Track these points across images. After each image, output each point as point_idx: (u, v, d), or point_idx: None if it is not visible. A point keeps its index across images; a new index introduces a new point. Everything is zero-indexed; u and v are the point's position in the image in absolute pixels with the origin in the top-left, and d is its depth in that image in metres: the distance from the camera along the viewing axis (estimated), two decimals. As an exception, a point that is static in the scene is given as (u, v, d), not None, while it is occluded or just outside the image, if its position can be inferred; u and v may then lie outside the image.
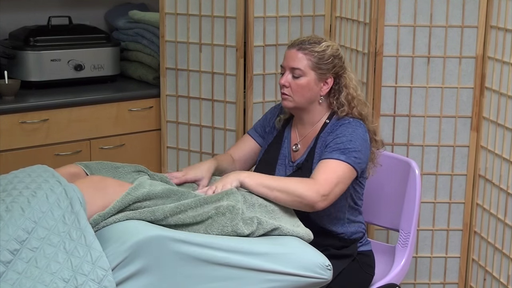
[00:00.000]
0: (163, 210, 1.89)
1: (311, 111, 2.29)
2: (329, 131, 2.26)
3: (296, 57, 2.22)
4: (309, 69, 2.21)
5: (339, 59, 2.26)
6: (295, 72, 2.22)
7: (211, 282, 1.86)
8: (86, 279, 1.70)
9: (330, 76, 2.24)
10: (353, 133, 2.20)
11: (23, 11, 3.47)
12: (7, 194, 1.82)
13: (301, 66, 2.21)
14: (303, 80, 2.22)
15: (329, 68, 2.23)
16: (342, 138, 2.19)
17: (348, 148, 2.16)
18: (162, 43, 3.16)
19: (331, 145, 2.19)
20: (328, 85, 2.25)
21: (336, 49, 2.26)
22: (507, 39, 2.59)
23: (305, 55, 2.22)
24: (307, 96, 2.24)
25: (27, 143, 2.97)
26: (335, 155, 2.15)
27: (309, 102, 2.26)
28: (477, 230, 2.86)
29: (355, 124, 2.23)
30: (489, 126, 2.74)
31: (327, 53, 2.23)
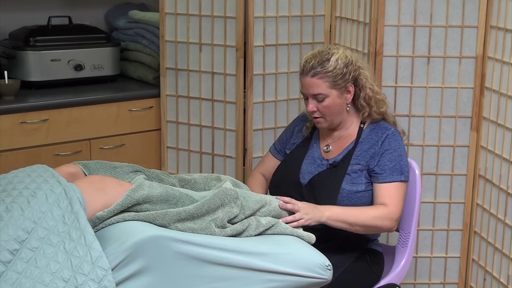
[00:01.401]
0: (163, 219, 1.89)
1: (344, 120, 2.35)
2: (372, 140, 2.32)
3: (313, 84, 2.25)
4: (329, 89, 2.26)
5: (351, 65, 2.29)
6: (318, 97, 2.27)
7: (211, 282, 1.85)
8: (86, 279, 1.70)
9: (350, 84, 2.29)
10: (400, 147, 2.31)
11: (23, 11, 3.47)
12: (7, 194, 1.82)
13: (321, 91, 2.25)
14: (328, 101, 2.27)
15: (346, 79, 2.27)
16: (394, 154, 2.29)
17: (402, 165, 2.29)
18: (162, 43, 3.16)
19: (386, 163, 2.27)
20: (351, 93, 2.30)
21: (344, 57, 2.28)
22: (507, 39, 2.59)
23: (321, 79, 2.25)
24: (337, 112, 2.31)
25: (27, 143, 2.97)
26: (397, 177, 2.27)
27: (339, 115, 2.32)
28: (477, 230, 2.85)
29: (396, 135, 2.33)
30: (489, 126, 2.74)
31: (339, 67, 2.25)
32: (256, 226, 2.01)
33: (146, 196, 1.91)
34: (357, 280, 2.28)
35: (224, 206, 1.97)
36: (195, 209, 1.92)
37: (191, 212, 1.91)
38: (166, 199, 1.94)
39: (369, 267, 2.32)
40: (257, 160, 3.04)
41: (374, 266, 2.35)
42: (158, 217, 1.89)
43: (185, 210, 1.91)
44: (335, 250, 2.19)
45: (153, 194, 1.92)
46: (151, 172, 2.22)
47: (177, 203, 1.95)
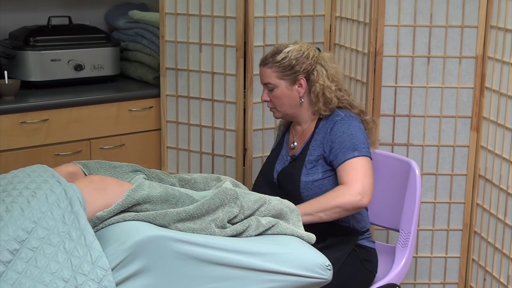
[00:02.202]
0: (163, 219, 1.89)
1: (299, 113, 2.40)
2: (324, 128, 2.35)
3: (264, 73, 2.37)
4: (278, 79, 2.35)
5: (304, 59, 2.34)
6: (268, 86, 2.37)
7: (211, 282, 1.85)
8: (86, 279, 1.70)
9: (301, 77, 2.34)
10: (350, 128, 2.31)
11: (23, 11, 3.47)
12: (7, 194, 1.82)
13: (270, 80, 2.35)
14: (277, 91, 2.36)
15: (296, 71, 2.34)
16: (343, 136, 2.29)
17: (354, 143, 2.27)
18: (162, 43, 3.16)
19: (337, 147, 2.28)
20: (303, 86, 2.35)
21: (298, 50, 2.35)
22: (507, 39, 2.59)
23: (270, 68, 2.35)
24: (288, 103, 2.37)
25: (27, 143, 2.97)
26: (349, 155, 2.26)
27: (292, 107, 2.38)
28: (477, 230, 2.85)
29: (347, 118, 2.34)
30: (489, 126, 2.74)
31: (289, 58, 2.33)
32: (256, 226, 2.01)
33: (146, 196, 1.91)
34: (351, 281, 2.28)
35: (224, 206, 1.97)
36: (195, 209, 1.92)
37: (191, 212, 1.91)
38: (166, 199, 1.94)
39: (362, 265, 2.32)
40: (257, 160, 3.04)
41: (368, 264, 2.35)
42: (158, 217, 1.89)
43: (185, 210, 1.91)
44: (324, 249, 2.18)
45: (153, 194, 1.92)
46: (151, 172, 2.22)
47: (177, 203, 1.95)
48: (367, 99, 2.85)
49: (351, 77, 2.98)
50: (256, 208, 2.06)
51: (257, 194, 2.13)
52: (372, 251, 2.40)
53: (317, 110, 2.37)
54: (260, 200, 2.08)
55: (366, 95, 2.84)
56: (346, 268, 2.26)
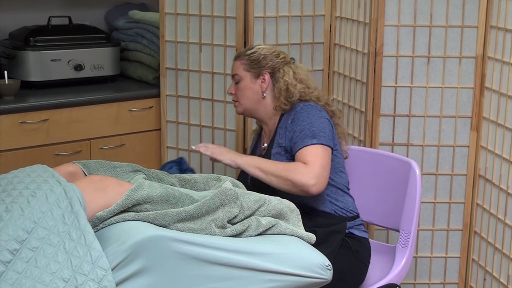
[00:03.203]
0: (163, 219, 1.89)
1: (260, 108, 2.46)
2: (286, 122, 2.39)
3: (234, 66, 2.49)
4: (244, 71, 2.45)
5: (272, 57, 2.44)
6: (235, 78, 2.47)
7: (211, 282, 1.85)
8: (86, 279, 1.70)
9: (265, 72, 2.43)
10: (309, 116, 2.35)
11: (23, 11, 3.47)
12: (7, 195, 1.82)
13: (237, 72, 2.46)
14: (242, 84, 2.45)
15: (262, 65, 2.43)
16: (302, 124, 2.33)
17: (313, 130, 2.30)
18: (162, 43, 3.16)
19: (296, 135, 2.33)
20: (266, 81, 2.43)
21: (268, 49, 2.46)
22: (507, 39, 2.59)
23: (239, 61, 2.47)
24: (250, 96, 2.45)
25: (27, 143, 2.97)
26: (308, 142, 2.29)
27: (254, 101, 2.45)
28: (477, 230, 2.86)
29: (306, 107, 2.38)
30: (489, 126, 2.74)
31: (258, 53, 2.45)
32: (256, 226, 2.01)
33: (146, 196, 1.91)
34: (345, 274, 2.27)
35: (224, 206, 1.97)
36: (195, 209, 1.92)
37: (191, 212, 1.91)
38: (166, 199, 1.94)
39: (354, 256, 2.32)
40: (257, 160, 3.04)
41: (359, 255, 2.34)
42: (158, 217, 1.89)
43: (185, 210, 1.91)
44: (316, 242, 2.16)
45: (153, 194, 1.92)
46: (151, 172, 2.22)
47: (177, 203, 1.95)
48: (367, 99, 2.85)
49: (351, 77, 2.98)
50: (256, 208, 2.06)
51: (257, 194, 2.13)
52: (363, 241, 2.38)
53: (279, 105, 2.41)
54: (260, 200, 2.08)
55: (366, 95, 2.85)
56: (338, 261, 2.25)
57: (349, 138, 3.03)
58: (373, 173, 2.62)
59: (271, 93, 2.44)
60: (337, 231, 2.31)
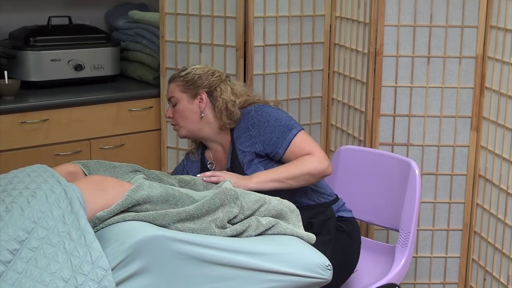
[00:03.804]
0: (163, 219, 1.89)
1: (203, 129, 2.41)
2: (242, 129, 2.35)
3: (169, 89, 2.43)
4: (180, 92, 2.40)
5: (207, 76, 2.40)
6: (172, 101, 2.42)
7: (211, 282, 1.85)
8: (86, 279, 1.70)
9: (202, 92, 2.38)
10: (269, 114, 2.33)
11: (23, 11, 3.47)
12: (7, 194, 1.82)
13: (174, 94, 2.41)
14: (179, 106, 2.40)
15: (198, 85, 2.39)
16: (270, 124, 2.31)
17: (284, 124, 2.30)
18: (162, 43, 3.16)
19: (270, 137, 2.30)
20: (204, 101, 2.39)
21: (203, 69, 2.42)
22: (507, 39, 2.59)
23: (174, 83, 2.42)
24: (190, 118, 2.40)
25: (27, 143, 2.97)
26: (290, 136, 2.28)
27: (195, 122, 2.40)
28: (477, 230, 2.86)
29: (259, 108, 2.36)
30: (489, 126, 2.74)
31: (192, 73, 2.40)
32: (256, 226, 2.01)
33: (146, 196, 1.91)
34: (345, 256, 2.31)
35: (224, 206, 1.97)
36: (195, 209, 1.92)
37: (191, 213, 1.91)
38: (166, 199, 1.94)
39: (350, 238, 2.35)
40: (257, 160, 3.04)
41: (353, 235, 2.37)
42: (158, 217, 1.89)
43: (185, 211, 1.91)
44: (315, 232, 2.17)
45: (153, 194, 1.92)
46: (151, 172, 2.22)
47: (177, 203, 1.95)
48: (367, 99, 2.85)
49: (351, 77, 2.98)
50: (256, 208, 2.06)
51: (257, 194, 2.13)
52: (351, 221, 2.42)
53: (223, 125, 2.37)
54: (260, 200, 2.08)
55: (366, 95, 2.85)
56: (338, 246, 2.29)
57: (349, 138, 3.03)
58: (373, 173, 2.62)
59: (212, 112, 2.38)
60: (329, 217, 2.33)
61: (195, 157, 2.53)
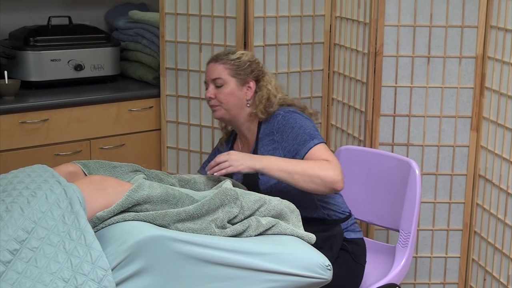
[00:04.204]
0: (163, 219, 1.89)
1: (240, 115, 2.38)
2: (268, 131, 2.34)
3: (215, 69, 2.37)
4: (229, 76, 2.35)
5: (256, 64, 2.39)
6: (217, 82, 2.35)
7: (211, 282, 1.85)
8: (86, 279, 1.70)
9: (251, 79, 2.36)
10: (296, 121, 2.29)
11: (23, 11, 3.47)
12: (7, 195, 1.82)
13: (221, 75, 2.35)
14: (226, 88, 2.35)
15: (248, 72, 2.36)
16: (294, 131, 2.28)
17: (308, 132, 2.26)
18: (162, 43, 3.16)
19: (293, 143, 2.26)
20: (252, 89, 2.36)
21: (251, 56, 2.41)
22: (507, 39, 2.59)
23: (223, 64, 2.36)
24: (233, 103, 2.35)
25: (27, 143, 2.97)
26: (310, 144, 2.24)
27: (237, 108, 2.36)
28: (477, 230, 2.86)
29: (287, 113, 2.32)
30: (489, 126, 2.74)
31: (243, 59, 2.37)
32: (256, 227, 2.01)
33: (146, 196, 1.91)
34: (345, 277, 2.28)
35: (224, 206, 1.97)
36: (195, 209, 1.92)
37: (191, 213, 1.91)
38: (166, 199, 1.94)
39: (353, 259, 2.32)
40: (257, 160, 3.04)
41: (357, 257, 2.34)
42: (158, 217, 1.89)
43: (185, 211, 1.91)
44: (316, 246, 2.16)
45: (153, 194, 1.92)
46: (151, 172, 2.22)
47: (177, 203, 1.95)
48: (367, 99, 2.85)
49: (351, 77, 2.98)
50: (256, 208, 2.06)
51: (257, 194, 2.13)
52: (359, 243, 2.38)
53: (255, 113, 2.36)
54: (260, 200, 2.08)
55: (366, 95, 2.85)
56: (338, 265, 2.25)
57: (349, 138, 3.03)
58: (373, 173, 2.62)
59: (252, 100, 2.38)
60: (335, 235, 2.31)
61: (223, 147, 2.52)
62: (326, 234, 2.28)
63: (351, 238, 2.36)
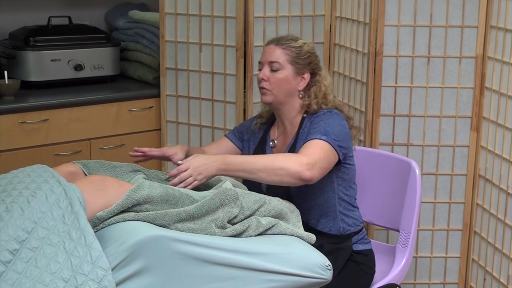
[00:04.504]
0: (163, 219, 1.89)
1: (288, 106, 2.32)
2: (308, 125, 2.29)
3: (274, 51, 2.29)
4: (287, 63, 2.28)
5: (315, 56, 2.34)
6: (274, 66, 2.28)
7: (211, 282, 1.85)
8: (86, 279, 1.70)
9: (307, 71, 2.31)
10: (330, 119, 2.25)
11: (23, 11, 3.47)
12: (7, 195, 1.82)
13: (279, 60, 2.28)
14: (282, 74, 2.28)
15: (306, 63, 2.30)
16: (320, 123, 2.23)
17: (328, 130, 2.20)
18: (162, 43, 3.16)
19: (311, 132, 2.22)
20: (306, 80, 2.31)
21: (312, 47, 2.34)
22: (507, 39, 2.59)
23: (283, 49, 2.29)
24: (285, 90, 2.29)
25: (27, 143, 2.97)
26: (317, 136, 2.18)
27: (287, 96, 2.30)
28: (477, 230, 2.85)
29: (331, 112, 2.28)
30: (489, 126, 2.74)
31: (304, 49, 2.30)
32: (256, 227, 2.01)
33: (146, 196, 1.91)
34: (355, 281, 2.28)
35: (224, 206, 1.97)
36: (195, 209, 1.92)
37: (191, 213, 1.91)
38: (166, 199, 1.94)
39: (361, 269, 2.31)
40: (257, 160, 3.04)
41: (366, 268, 2.33)
42: (158, 217, 1.89)
43: (185, 211, 1.91)
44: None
45: (153, 194, 1.92)
46: (151, 172, 2.22)
47: (177, 203, 1.95)
48: (367, 99, 2.85)
49: (351, 77, 2.98)
50: (256, 209, 2.06)
51: (257, 194, 2.13)
52: (368, 253, 2.37)
53: (307, 105, 2.30)
54: (260, 200, 2.08)
55: (366, 95, 2.84)
56: (345, 277, 2.24)
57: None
58: (373, 173, 2.62)
59: (304, 93, 2.31)
60: (342, 248, 2.28)
61: (255, 133, 2.45)
62: (334, 246, 2.25)
63: (359, 250, 2.34)
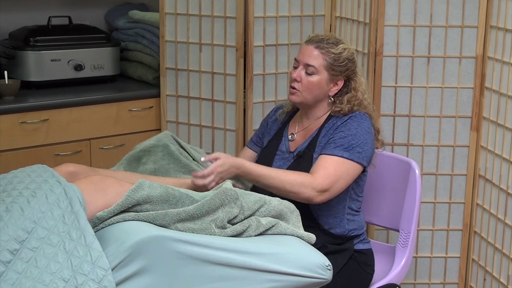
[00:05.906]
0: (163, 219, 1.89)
1: (316, 108, 2.32)
2: (334, 124, 2.27)
3: (312, 54, 2.26)
4: (323, 68, 2.26)
5: (352, 63, 2.30)
6: (309, 69, 2.26)
7: (211, 282, 1.85)
8: (86, 279, 1.70)
9: (342, 78, 2.28)
10: (358, 127, 2.22)
11: (23, 11, 3.47)
12: (7, 195, 1.82)
13: (316, 64, 2.25)
14: (315, 78, 2.26)
15: (342, 70, 2.27)
16: (346, 132, 2.21)
17: (352, 144, 2.19)
18: (162, 43, 3.16)
19: (335, 139, 2.21)
20: (338, 87, 2.29)
21: (351, 53, 2.30)
22: (507, 39, 2.59)
23: (321, 54, 2.26)
24: (315, 94, 2.28)
25: (27, 143, 2.97)
26: (338, 152, 2.18)
27: (315, 100, 2.30)
28: (477, 230, 2.86)
29: (361, 117, 2.26)
30: (489, 126, 2.74)
31: (343, 56, 2.27)
32: (257, 227, 2.01)
33: (146, 196, 1.91)
34: (351, 284, 2.28)
35: (224, 206, 1.97)
36: (195, 209, 1.92)
37: (191, 213, 1.91)
38: (166, 199, 1.94)
39: (361, 268, 2.31)
40: (257, 160, 3.04)
41: (366, 267, 2.33)
42: (158, 217, 1.89)
43: (185, 211, 1.91)
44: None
45: (153, 194, 1.92)
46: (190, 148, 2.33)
47: (177, 203, 1.95)
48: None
49: (351, 77, 2.98)
50: (256, 209, 2.06)
51: (257, 194, 2.13)
52: (368, 253, 2.37)
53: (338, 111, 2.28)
54: (260, 200, 2.08)
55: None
56: (345, 275, 2.25)
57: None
58: (373, 173, 2.62)
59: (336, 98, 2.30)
60: (344, 249, 2.29)
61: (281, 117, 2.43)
62: (337, 247, 2.26)
63: (359, 249, 2.35)
